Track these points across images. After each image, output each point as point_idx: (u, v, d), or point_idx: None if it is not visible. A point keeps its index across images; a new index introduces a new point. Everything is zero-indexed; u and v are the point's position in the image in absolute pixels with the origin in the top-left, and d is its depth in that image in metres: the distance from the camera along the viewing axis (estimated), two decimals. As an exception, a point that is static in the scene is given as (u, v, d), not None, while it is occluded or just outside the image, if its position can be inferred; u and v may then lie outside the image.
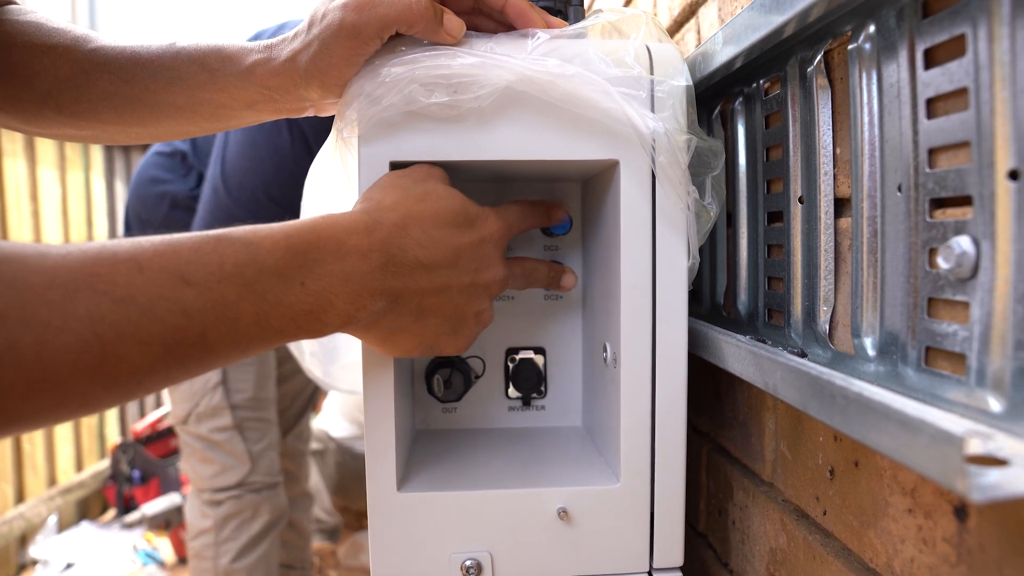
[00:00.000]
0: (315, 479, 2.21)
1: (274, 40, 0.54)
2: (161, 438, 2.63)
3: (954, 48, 0.35)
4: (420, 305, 0.48)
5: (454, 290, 0.49)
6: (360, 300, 0.44)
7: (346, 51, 0.50)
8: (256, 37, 1.28)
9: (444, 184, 0.51)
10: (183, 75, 0.56)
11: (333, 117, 0.56)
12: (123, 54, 0.57)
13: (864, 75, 0.42)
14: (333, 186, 0.60)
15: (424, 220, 0.47)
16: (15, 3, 0.60)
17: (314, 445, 2.28)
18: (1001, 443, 0.27)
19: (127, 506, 2.68)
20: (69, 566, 2.30)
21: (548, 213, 0.61)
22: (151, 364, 0.36)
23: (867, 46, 0.42)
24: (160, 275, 0.36)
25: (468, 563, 0.54)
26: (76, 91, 0.57)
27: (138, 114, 0.58)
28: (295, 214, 0.57)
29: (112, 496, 2.75)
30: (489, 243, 0.51)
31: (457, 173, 0.62)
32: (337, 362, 0.78)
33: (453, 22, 0.51)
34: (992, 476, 0.26)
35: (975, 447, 0.27)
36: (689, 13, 0.77)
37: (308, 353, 0.83)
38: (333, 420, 2.42)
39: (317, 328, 0.43)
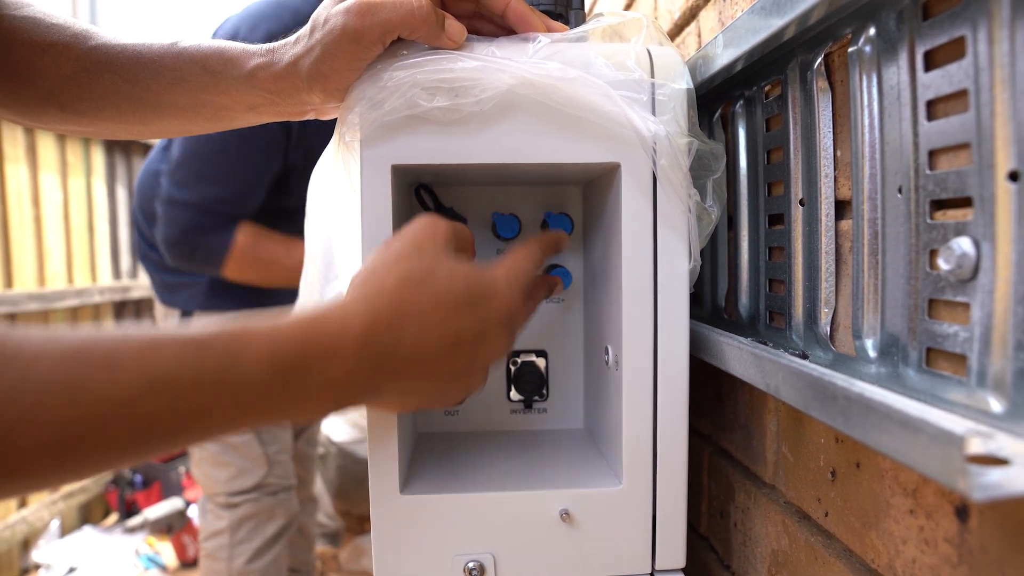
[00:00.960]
0: (317, 483, 2.21)
1: (276, 44, 0.55)
2: (163, 442, 2.62)
3: (954, 50, 0.35)
4: (408, 387, 0.46)
5: (446, 374, 0.47)
6: (344, 399, 0.43)
7: (348, 56, 0.50)
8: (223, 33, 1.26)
9: (449, 254, 0.48)
10: (185, 76, 0.56)
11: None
12: (124, 53, 0.57)
13: (864, 77, 0.42)
14: (335, 190, 0.60)
15: (425, 306, 0.45)
16: None
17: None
18: (1002, 443, 0.27)
19: (129, 510, 2.68)
20: (72, 570, 2.30)
21: (556, 246, 0.59)
22: (115, 458, 0.36)
23: (867, 49, 0.42)
24: (137, 378, 0.35)
25: (471, 565, 0.54)
26: (78, 90, 0.57)
27: (140, 113, 0.58)
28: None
29: (114, 500, 2.75)
30: (493, 320, 0.48)
31: (459, 176, 0.62)
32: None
33: (454, 27, 0.51)
34: (993, 475, 0.26)
35: (976, 447, 0.27)
36: (690, 16, 0.77)
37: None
38: (334, 424, 2.42)
39: (293, 420, 0.43)
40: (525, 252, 0.53)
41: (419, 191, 0.64)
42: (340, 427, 2.41)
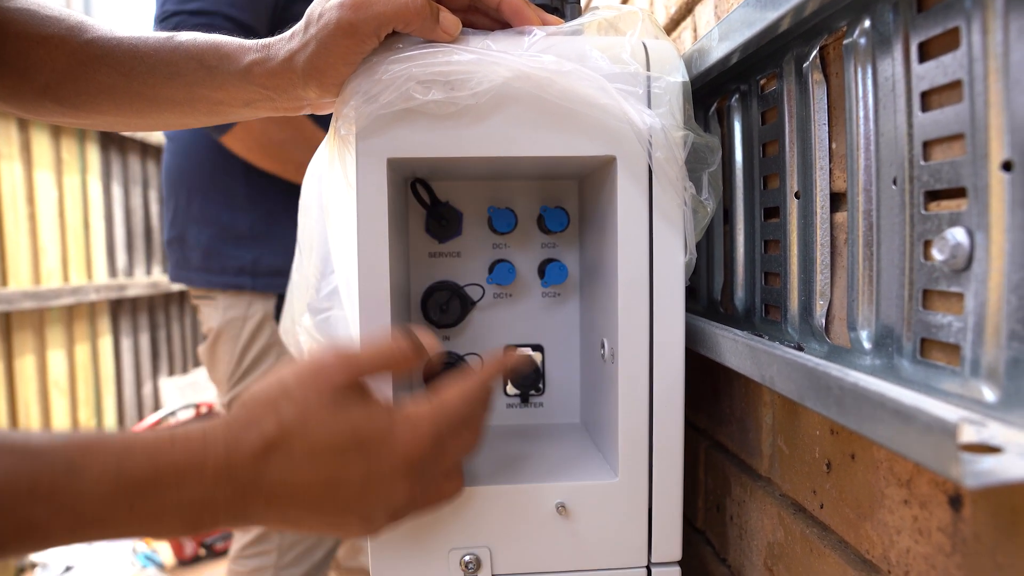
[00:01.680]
0: None
1: (271, 40, 0.55)
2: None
3: (948, 41, 0.35)
4: (288, 516, 0.43)
5: (330, 510, 0.44)
6: (200, 525, 0.41)
7: (343, 50, 0.50)
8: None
9: (339, 406, 0.44)
10: (181, 71, 0.56)
11: None
12: (120, 47, 0.57)
13: (859, 70, 0.43)
14: (331, 184, 0.60)
15: (294, 452, 0.42)
16: None
17: None
18: (995, 431, 0.27)
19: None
20: (68, 569, 2.30)
21: (513, 370, 0.55)
22: None
23: (862, 41, 0.42)
24: None
25: (467, 558, 0.54)
26: (74, 83, 0.57)
27: (136, 106, 0.58)
28: None
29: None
30: (385, 466, 0.44)
31: (454, 170, 0.62)
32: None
33: (449, 20, 0.51)
34: (986, 463, 0.26)
35: (968, 435, 0.27)
36: (686, 10, 0.77)
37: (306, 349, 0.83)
38: None
39: (148, 539, 0.41)
40: (460, 390, 0.48)
41: (415, 186, 0.64)
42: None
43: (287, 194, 1.30)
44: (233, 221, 1.29)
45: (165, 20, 1.12)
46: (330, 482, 0.43)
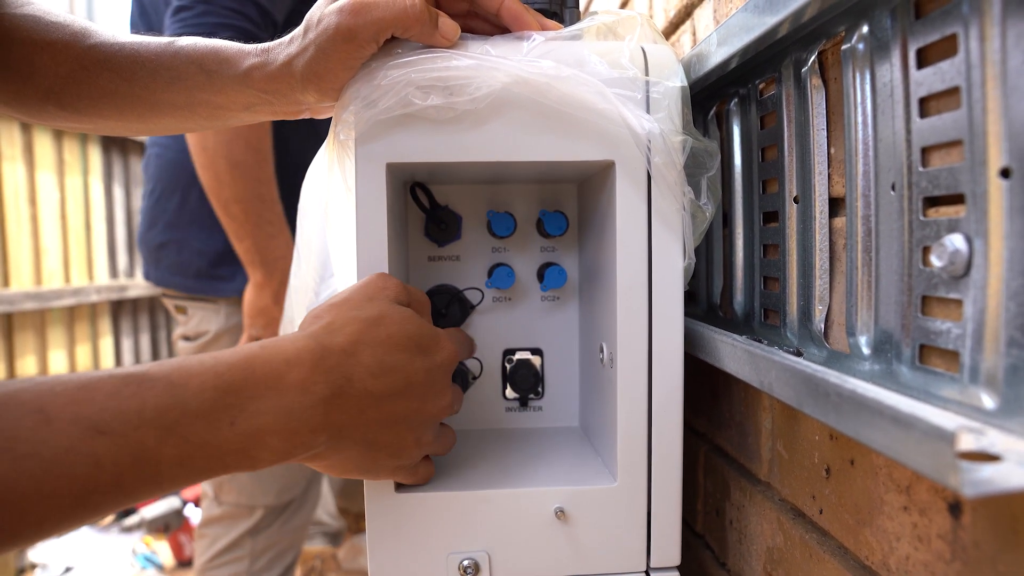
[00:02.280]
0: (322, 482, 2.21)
1: (271, 44, 0.55)
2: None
3: (946, 48, 0.35)
4: (365, 438, 0.45)
5: (402, 420, 0.47)
6: (298, 438, 0.41)
7: (342, 55, 0.50)
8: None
9: (398, 305, 0.49)
10: (182, 75, 0.56)
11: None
12: (122, 51, 0.57)
13: (858, 75, 0.42)
14: (330, 189, 0.60)
15: (377, 346, 0.45)
16: None
17: None
18: (993, 439, 0.27)
19: (126, 510, 2.68)
20: (68, 570, 2.30)
21: (471, 346, 0.61)
22: (58, 515, 0.33)
23: (860, 46, 0.42)
24: (70, 426, 0.33)
25: (466, 563, 0.54)
26: (77, 88, 0.58)
27: (138, 111, 0.59)
28: None
29: (111, 500, 2.74)
30: (440, 369, 0.49)
31: (453, 175, 0.62)
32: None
33: (448, 25, 0.51)
34: (984, 471, 0.26)
35: (967, 443, 0.27)
36: (685, 15, 0.77)
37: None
38: None
39: (247, 465, 0.41)
40: (459, 331, 0.58)
41: (414, 189, 0.64)
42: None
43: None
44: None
45: (186, 10, 1.08)
46: (404, 379, 0.46)
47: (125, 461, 0.35)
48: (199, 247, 1.27)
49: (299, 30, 0.52)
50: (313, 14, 0.51)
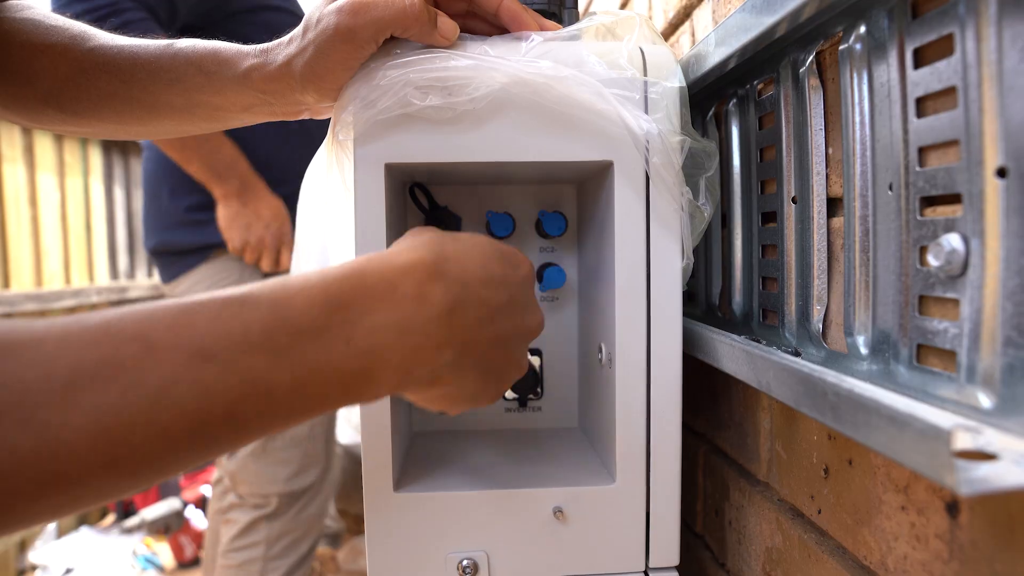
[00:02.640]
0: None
1: (270, 44, 0.55)
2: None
3: (943, 48, 0.35)
4: (484, 356, 0.42)
5: (511, 336, 0.44)
6: (421, 354, 0.38)
7: (342, 55, 0.50)
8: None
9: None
10: (180, 77, 0.56)
11: None
12: (121, 54, 0.57)
13: (855, 75, 0.43)
14: (329, 189, 0.60)
15: (477, 255, 0.43)
16: None
17: None
18: (990, 438, 0.27)
19: (126, 511, 2.68)
20: (69, 571, 2.30)
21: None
22: (172, 451, 0.32)
23: (858, 46, 0.42)
24: (174, 354, 0.31)
25: (464, 563, 0.54)
26: (76, 91, 0.58)
27: (136, 114, 0.59)
28: None
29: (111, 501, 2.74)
30: (529, 283, 0.47)
31: (452, 175, 0.62)
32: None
33: (447, 25, 0.51)
34: (981, 470, 0.26)
35: (963, 441, 0.27)
36: (684, 15, 0.77)
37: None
38: (340, 426, 2.42)
39: (370, 391, 0.37)
40: None
41: (413, 190, 0.64)
42: (345, 429, 2.42)
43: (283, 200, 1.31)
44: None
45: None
46: (505, 287, 0.44)
47: (235, 390, 0.32)
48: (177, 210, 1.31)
49: (298, 30, 0.52)
50: (312, 14, 0.51)
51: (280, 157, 1.31)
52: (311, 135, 1.33)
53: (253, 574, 1.33)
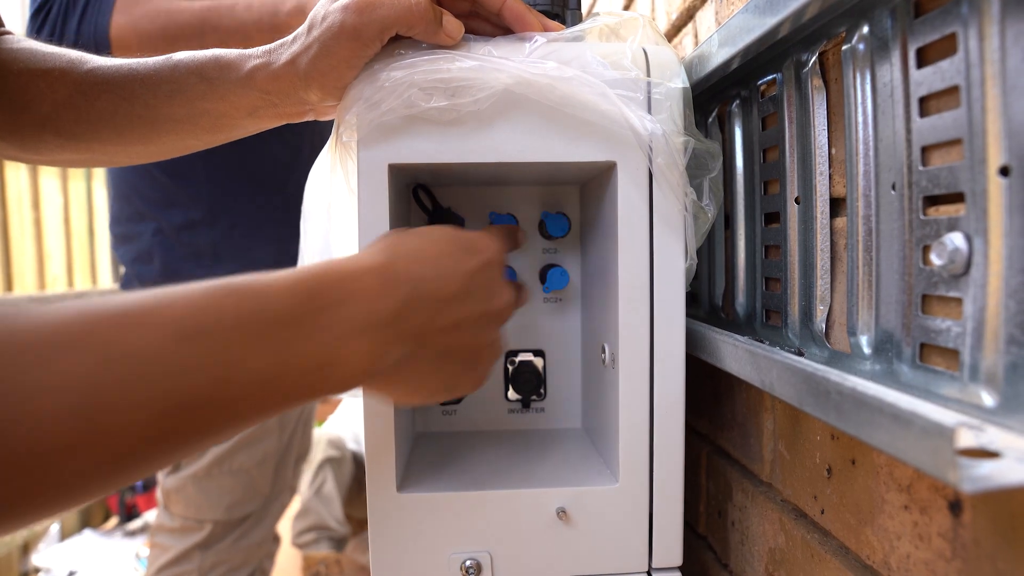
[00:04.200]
0: (330, 487, 2.21)
1: (273, 44, 0.55)
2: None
3: (945, 47, 0.35)
4: (443, 344, 0.45)
5: (471, 322, 0.46)
6: (380, 347, 0.40)
7: (346, 53, 0.50)
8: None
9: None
10: (182, 87, 0.56)
11: None
12: (120, 71, 0.57)
13: (858, 75, 0.43)
14: (332, 190, 0.60)
15: (431, 251, 0.45)
16: (10, 32, 0.61)
17: (331, 453, 2.28)
18: (993, 436, 0.27)
19: (129, 514, 2.69)
20: (72, 574, 2.30)
21: (515, 238, 0.60)
22: (148, 431, 0.31)
23: (861, 46, 0.42)
24: (154, 331, 0.31)
25: (468, 563, 0.54)
26: (75, 112, 0.58)
27: (138, 131, 0.58)
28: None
29: (114, 504, 2.75)
30: (494, 266, 0.49)
31: (456, 176, 0.62)
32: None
33: (452, 24, 0.51)
34: (984, 468, 0.26)
35: (966, 439, 0.27)
36: (687, 16, 0.77)
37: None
38: (349, 430, 2.43)
39: (332, 385, 0.39)
40: (494, 227, 0.57)
41: (417, 191, 0.65)
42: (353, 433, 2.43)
43: (253, 207, 1.25)
44: (193, 238, 1.22)
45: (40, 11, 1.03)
46: (466, 279, 0.46)
47: (211, 371, 0.33)
48: (151, 256, 1.23)
49: (302, 28, 0.52)
50: (317, 12, 0.51)
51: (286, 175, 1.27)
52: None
53: None
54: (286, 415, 1.36)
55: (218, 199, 1.21)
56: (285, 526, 2.27)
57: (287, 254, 1.29)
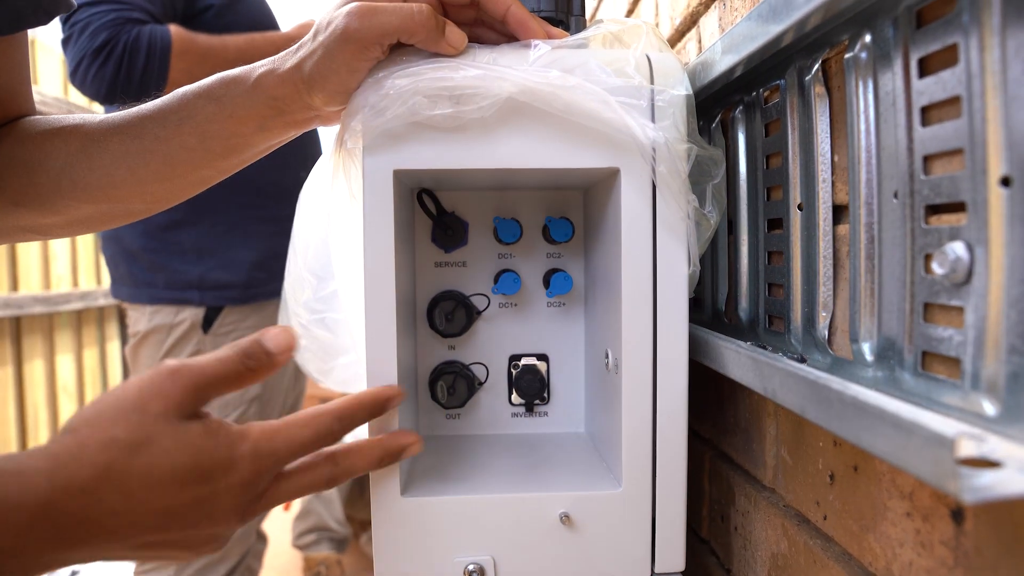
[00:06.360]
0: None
1: (281, 53, 0.55)
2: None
3: (947, 57, 0.35)
4: (121, 555, 0.41)
5: (159, 545, 0.41)
6: (6, 568, 0.36)
7: (347, 57, 0.50)
8: None
9: (179, 420, 0.41)
10: (191, 112, 0.56)
11: None
12: (128, 115, 0.59)
13: (861, 84, 0.43)
14: (332, 198, 0.60)
15: (130, 480, 0.39)
16: (35, 113, 0.64)
17: None
18: (994, 445, 0.27)
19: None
20: (74, 573, 2.30)
21: (373, 409, 0.51)
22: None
23: (863, 55, 0.42)
24: None
25: (471, 567, 0.54)
26: (88, 160, 0.59)
27: (152, 167, 0.58)
28: None
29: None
30: (226, 495, 0.42)
31: (460, 181, 0.62)
32: (334, 359, 0.78)
33: (455, 34, 0.52)
34: (985, 478, 0.27)
35: (967, 449, 0.27)
36: (691, 22, 0.77)
37: (303, 348, 0.82)
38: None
39: None
40: (307, 419, 0.46)
41: (421, 196, 0.65)
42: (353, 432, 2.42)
43: (235, 206, 1.31)
44: (177, 236, 1.29)
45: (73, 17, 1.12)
46: (162, 514, 0.40)
47: None
48: (135, 252, 1.32)
49: (310, 35, 0.53)
50: (324, 18, 0.52)
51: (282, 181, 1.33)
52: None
53: None
54: (269, 410, 1.39)
55: (200, 199, 1.23)
56: (284, 527, 2.27)
57: (271, 252, 1.33)
